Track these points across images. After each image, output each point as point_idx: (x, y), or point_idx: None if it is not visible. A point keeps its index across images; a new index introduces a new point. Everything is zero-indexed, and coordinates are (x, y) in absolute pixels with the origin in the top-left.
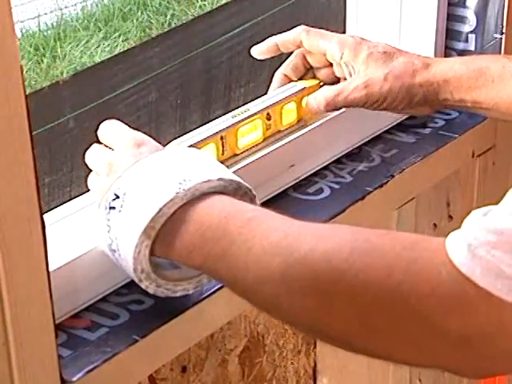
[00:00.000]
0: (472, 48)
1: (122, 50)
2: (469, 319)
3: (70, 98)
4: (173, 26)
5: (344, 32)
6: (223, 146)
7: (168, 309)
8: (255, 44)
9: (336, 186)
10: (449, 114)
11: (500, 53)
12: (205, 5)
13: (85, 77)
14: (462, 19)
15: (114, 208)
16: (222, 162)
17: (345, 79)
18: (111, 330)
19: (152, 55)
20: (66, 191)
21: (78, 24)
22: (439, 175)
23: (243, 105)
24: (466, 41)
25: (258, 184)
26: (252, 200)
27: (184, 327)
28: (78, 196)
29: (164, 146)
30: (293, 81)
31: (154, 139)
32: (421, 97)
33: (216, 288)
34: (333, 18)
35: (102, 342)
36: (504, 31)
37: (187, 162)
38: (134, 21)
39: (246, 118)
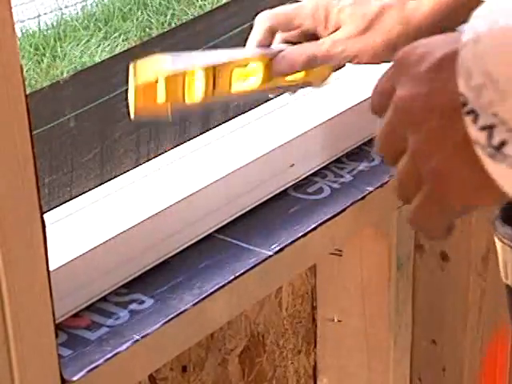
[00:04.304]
0: None
1: (122, 50)
2: None
3: (70, 98)
4: (173, 25)
5: None
6: (215, 80)
7: (168, 308)
8: None
9: (336, 186)
10: None
11: None
12: (205, 4)
13: (85, 76)
14: None
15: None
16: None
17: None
18: (111, 330)
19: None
20: (67, 191)
21: (78, 24)
22: None
23: (242, 104)
24: None
25: (257, 183)
26: None
27: (184, 327)
28: (78, 195)
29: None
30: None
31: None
32: None
33: (216, 287)
34: None
35: (103, 342)
36: None
37: None
38: (134, 20)
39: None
